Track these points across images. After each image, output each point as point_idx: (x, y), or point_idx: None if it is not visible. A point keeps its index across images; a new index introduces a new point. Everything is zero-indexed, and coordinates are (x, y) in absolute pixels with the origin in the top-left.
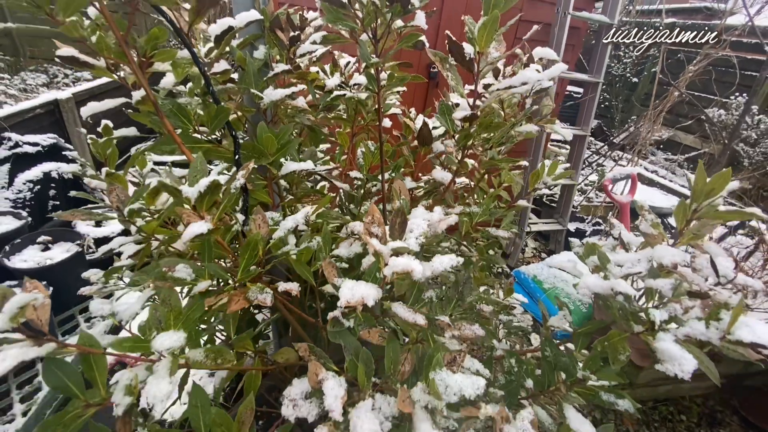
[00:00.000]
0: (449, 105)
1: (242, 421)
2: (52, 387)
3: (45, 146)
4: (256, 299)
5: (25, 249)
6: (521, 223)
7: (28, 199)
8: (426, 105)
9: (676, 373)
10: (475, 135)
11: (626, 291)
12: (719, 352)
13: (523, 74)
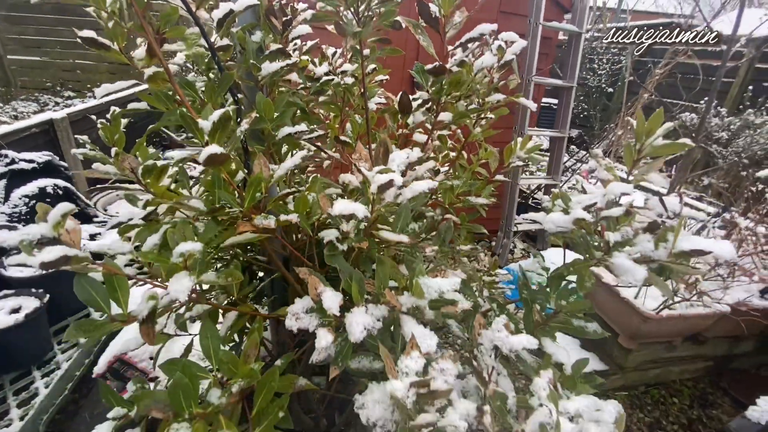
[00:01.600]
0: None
1: (248, 354)
2: (83, 300)
3: (40, 163)
4: (261, 224)
5: None
6: (508, 225)
7: (23, 213)
8: None
9: (630, 282)
10: (447, 90)
11: (583, 216)
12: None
13: (480, 27)
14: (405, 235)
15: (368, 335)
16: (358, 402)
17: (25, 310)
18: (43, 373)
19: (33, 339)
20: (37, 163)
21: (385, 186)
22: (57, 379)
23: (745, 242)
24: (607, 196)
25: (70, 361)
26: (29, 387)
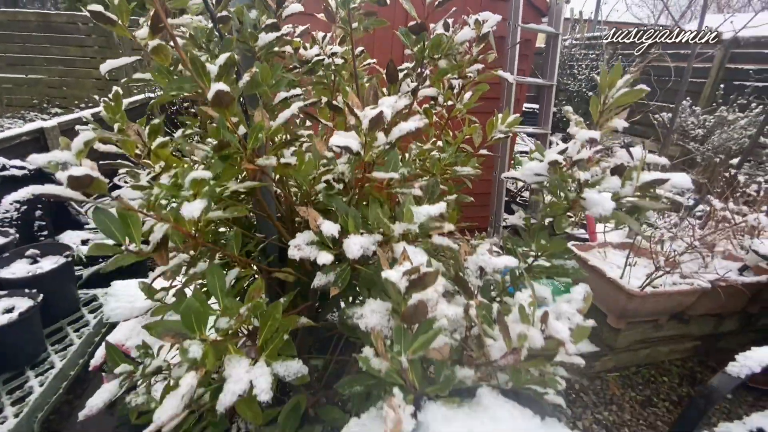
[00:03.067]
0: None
1: (252, 297)
2: (101, 229)
3: (31, 170)
4: (264, 164)
5: (13, 263)
6: (497, 220)
7: (15, 219)
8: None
9: (600, 213)
10: (429, 51)
11: (556, 158)
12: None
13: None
14: (395, 173)
15: (363, 254)
16: (357, 314)
17: (18, 309)
18: (36, 372)
19: (26, 339)
20: (28, 170)
21: (376, 119)
22: (51, 378)
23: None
24: (577, 143)
25: (64, 361)
26: (23, 386)
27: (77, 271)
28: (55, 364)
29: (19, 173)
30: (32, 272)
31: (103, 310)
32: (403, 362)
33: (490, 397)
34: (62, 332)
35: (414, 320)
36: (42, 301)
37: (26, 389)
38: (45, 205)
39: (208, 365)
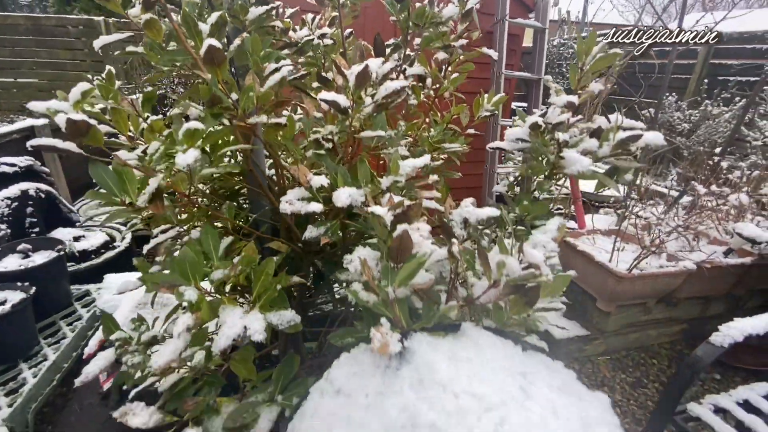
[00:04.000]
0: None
1: (245, 256)
2: (98, 182)
3: (22, 167)
4: (255, 122)
5: (5, 257)
6: None
7: (6, 215)
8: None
9: (578, 170)
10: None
11: (536, 120)
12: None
13: None
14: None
15: (351, 204)
16: (347, 260)
17: (10, 302)
18: (30, 365)
19: (19, 331)
20: (19, 167)
21: (362, 74)
22: (44, 370)
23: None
24: (556, 107)
25: (57, 353)
26: (16, 378)
27: (70, 267)
28: (48, 356)
29: (10, 170)
30: (24, 266)
31: (97, 303)
32: (390, 293)
33: (474, 330)
34: (55, 326)
35: (400, 254)
36: (34, 294)
37: (19, 380)
38: (36, 202)
39: (203, 314)
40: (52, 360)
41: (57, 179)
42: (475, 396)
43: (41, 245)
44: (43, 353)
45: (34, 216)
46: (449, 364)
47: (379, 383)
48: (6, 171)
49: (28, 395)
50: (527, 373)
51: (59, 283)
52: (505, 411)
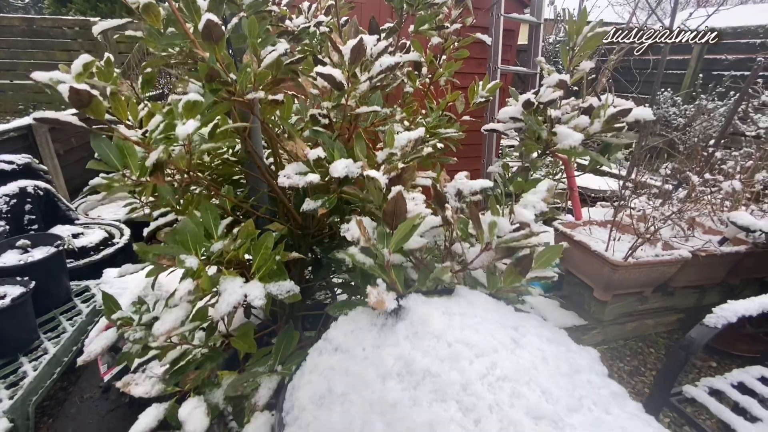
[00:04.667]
0: None
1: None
2: (100, 155)
3: (20, 165)
4: (253, 98)
5: (4, 253)
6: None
7: (4, 212)
8: None
9: (570, 145)
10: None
11: (529, 97)
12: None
13: None
14: (377, 106)
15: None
16: (344, 228)
17: (10, 296)
18: (30, 358)
19: (19, 325)
20: (17, 164)
21: (357, 48)
22: (45, 363)
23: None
24: (548, 85)
25: (57, 347)
26: (17, 371)
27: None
28: (48, 350)
29: (8, 168)
30: (23, 261)
31: (97, 298)
32: (386, 255)
33: (467, 291)
34: (55, 321)
35: (395, 218)
36: (33, 288)
37: (20, 374)
38: (34, 199)
39: (204, 283)
40: (53, 353)
41: (55, 177)
42: (467, 344)
43: (40, 241)
44: (43, 347)
45: (33, 213)
46: (443, 318)
47: (375, 338)
48: (4, 168)
49: (28, 388)
50: (518, 326)
51: (58, 279)
52: (497, 357)
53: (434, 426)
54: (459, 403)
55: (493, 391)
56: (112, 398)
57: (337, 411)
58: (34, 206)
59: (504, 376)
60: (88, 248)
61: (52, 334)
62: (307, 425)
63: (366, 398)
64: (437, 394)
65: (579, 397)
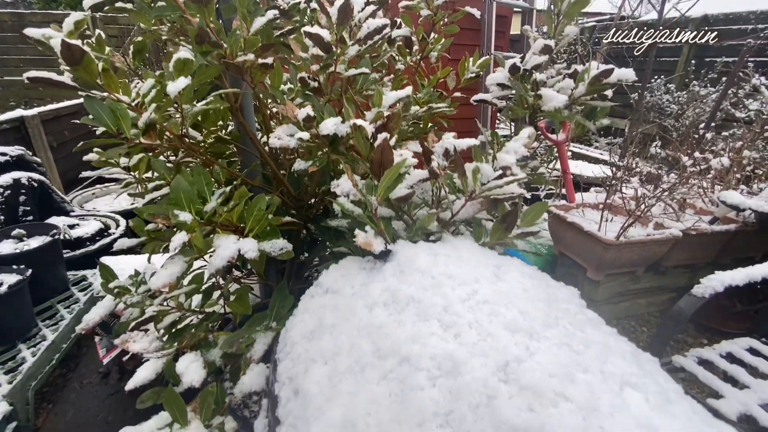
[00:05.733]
0: None
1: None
2: (94, 116)
3: (13, 156)
4: (243, 60)
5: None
6: None
7: None
8: None
9: (555, 107)
10: None
11: (515, 61)
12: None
13: None
14: (365, 68)
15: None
16: (334, 184)
17: (6, 284)
18: (28, 345)
19: (17, 313)
20: (10, 156)
21: (344, 7)
22: (43, 349)
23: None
24: (534, 51)
25: (56, 333)
26: (15, 357)
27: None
28: (47, 336)
29: (1, 159)
30: (19, 249)
31: (94, 285)
32: (373, 202)
33: (452, 237)
34: (52, 310)
35: (381, 166)
36: (30, 276)
37: (18, 360)
38: (29, 190)
39: (197, 239)
40: (51, 340)
41: (49, 170)
42: (450, 276)
43: (36, 231)
44: (41, 334)
45: (28, 204)
46: (428, 257)
47: (364, 278)
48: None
49: (27, 373)
50: (501, 265)
51: (55, 268)
52: (478, 286)
53: (416, 339)
54: (440, 322)
55: (472, 312)
56: (111, 383)
57: (327, 339)
58: (28, 197)
59: (484, 300)
60: (84, 239)
61: (50, 322)
62: (297, 356)
63: (354, 324)
64: (420, 316)
65: (555, 318)
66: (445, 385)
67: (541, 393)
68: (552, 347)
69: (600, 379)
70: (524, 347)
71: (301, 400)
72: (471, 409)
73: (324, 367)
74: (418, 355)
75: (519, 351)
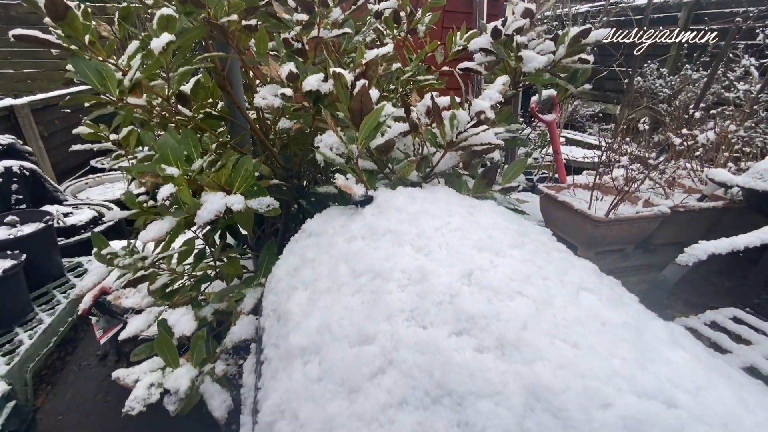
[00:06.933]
0: None
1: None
2: (81, 75)
3: (3, 145)
4: (227, 20)
5: None
6: None
7: None
8: None
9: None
10: None
11: (495, 25)
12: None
13: None
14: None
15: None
16: (317, 141)
17: (1, 268)
18: (25, 329)
19: (12, 297)
20: (0, 145)
21: None
22: (40, 332)
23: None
24: (516, 16)
25: (53, 317)
26: (13, 340)
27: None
28: (43, 320)
29: None
30: (13, 235)
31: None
32: (354, 151)
33: (431, 185)
34: (48, 295)
35: (361, 114)
36: (25, 261)
37: (16, 343)
38: (21, 179)
39: (184, 193)
40: (48, 323)
41: (41, 160)
42: (426, 212)
43: (29, 218)
44: (38, 318)
45: (20, 193)
46: (406, 199)
47: (345, 220)
48: None
49: (25, 355)
50: (476, 206)
51: (50, 254)
52: (450, 219)
53: (390, 259)
54: (413, 245)
55: (443, 236)
56: (109, 365)
57: (308, 270)
58: (20, 186)
59: (455, 228)
60: (78, 226)
61: (47, 307)
62: (281, 290)
63: (333, 255)
64: (395, 242)
65: (522, 242)
66: (413, 290)
67: (499, 291)
68: (516, 262)
69: (558, 284)
70: (489, 261)
71: (282, 321)
72: (435, 304)
73: (304, 292)
74: (390, 269)
75: (483, 263)
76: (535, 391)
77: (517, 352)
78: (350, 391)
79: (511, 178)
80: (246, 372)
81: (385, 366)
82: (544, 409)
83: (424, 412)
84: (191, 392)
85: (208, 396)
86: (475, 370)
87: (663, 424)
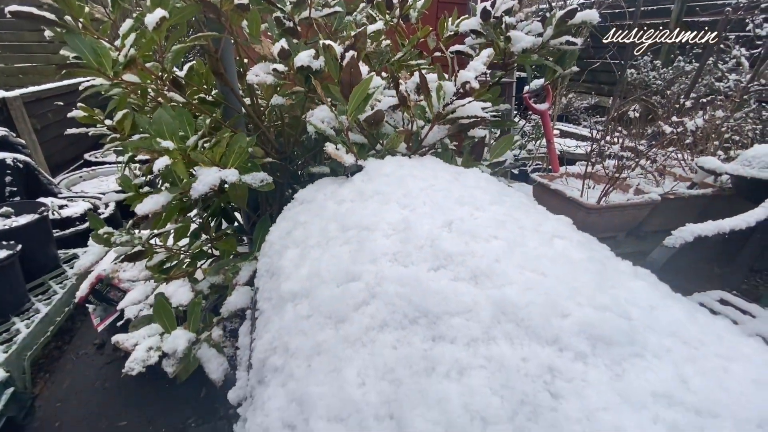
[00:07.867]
0: None
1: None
2: (76, 51)
3: None
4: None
5: None
6: None
7: None
8: None
9: (523, 47)
10: None
11: (486, 6)
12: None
13: None
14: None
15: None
16: (308, 115)
17: None
18: (22, 319)
19: (8, 287)
20: None
21: None
22: (38, 321)
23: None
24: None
25: (50, 306)
26: (10, 329)
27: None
28: (40, 310)
29: None
30: (8, 226)
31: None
32: (344, 121)
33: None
34: (45, 286)
35: (350, 85)
36: (20, 252)
37: (13, 332)
38: (14, 171)
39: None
40: (45, 313)
41: (34, 153)
42: (413, 176)
43: (24, 209)
44: (34, 308)
45: (14, 185)
46: (395, 166)
47: (336, 187)
48: None
49: (22, 344)
50: (461, 172)
51: (45, 245)
52: (435, 181)
53: (376, 214)
54: (399, 203)
55: (428, 194)
56: (107, 353)
57: (299, 231)
58: (14, 178)
59: (440, 189)
60: (73, 218)
61: (43, 297)
62: (274, 252)
63: (324, 217)
64: (382, 202)
65: (502, 200)
66: (397, 237)
67: (477, 235)
68: (494, 215)
69: (533, 232)
70: (469, 213)
71: (275, 277)
72: (416, 248)
73: (296, 249)
74: (376, 222)
75: (464, 215)
76: (502, 306)
77: (489, 281)
78: (337, 321)
79: (499, 154)
80: (241, 335)
81: (369, 299)
82: (509, 320)
83: (403, 331)
84: (189, 356)
85: (205, 360)
86: (450, 294)
87: (616, 329)
